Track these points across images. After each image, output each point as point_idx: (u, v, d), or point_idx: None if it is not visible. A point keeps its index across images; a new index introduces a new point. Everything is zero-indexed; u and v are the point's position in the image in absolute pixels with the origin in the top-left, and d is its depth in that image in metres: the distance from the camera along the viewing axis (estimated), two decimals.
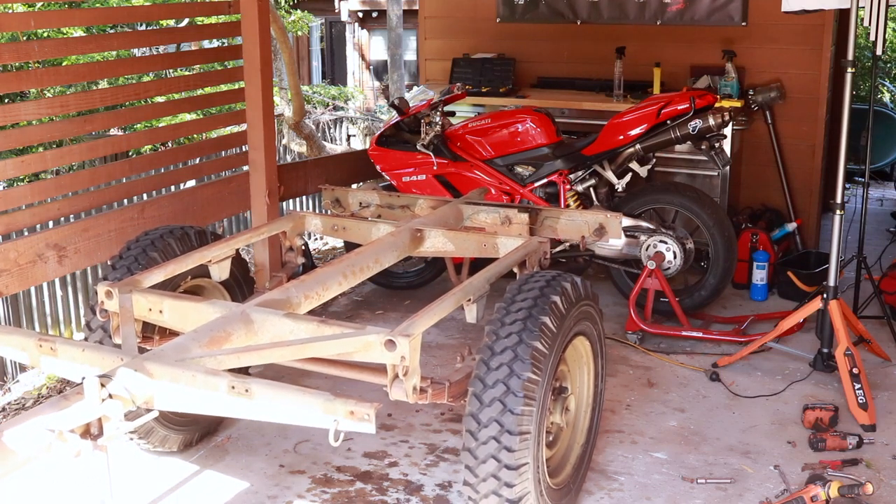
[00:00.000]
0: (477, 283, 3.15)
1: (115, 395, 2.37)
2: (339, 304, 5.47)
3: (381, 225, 3.92)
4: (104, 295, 3.11)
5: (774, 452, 3.71)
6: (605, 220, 4.08)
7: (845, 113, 4.12)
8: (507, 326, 2.84)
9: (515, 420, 2.71)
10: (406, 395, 2.70)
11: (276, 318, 2.90)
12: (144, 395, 2.46)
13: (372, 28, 19.82)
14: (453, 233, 3.80)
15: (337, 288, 3.35)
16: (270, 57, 5.05)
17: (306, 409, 2.38)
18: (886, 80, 11.09)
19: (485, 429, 2.73)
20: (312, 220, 4.06)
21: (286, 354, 2.79)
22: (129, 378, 2.42)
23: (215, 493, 3.45)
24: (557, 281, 3.03)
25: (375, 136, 5.49)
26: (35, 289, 7.38)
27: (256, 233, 3.90)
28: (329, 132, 14.05)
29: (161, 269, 3.30)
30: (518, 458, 2.72)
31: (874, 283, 4.91)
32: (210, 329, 2.80)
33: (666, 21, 6.16)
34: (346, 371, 3.15)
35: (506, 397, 2.72)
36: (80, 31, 8.53)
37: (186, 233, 3.66)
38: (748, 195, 6.21)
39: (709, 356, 4.64)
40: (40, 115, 4.35)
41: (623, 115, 4.97)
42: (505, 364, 2.76)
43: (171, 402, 2.51)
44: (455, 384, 2.93)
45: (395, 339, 2.63)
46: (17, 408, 4.82)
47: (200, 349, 2.68)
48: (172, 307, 3.05)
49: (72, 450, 2.26)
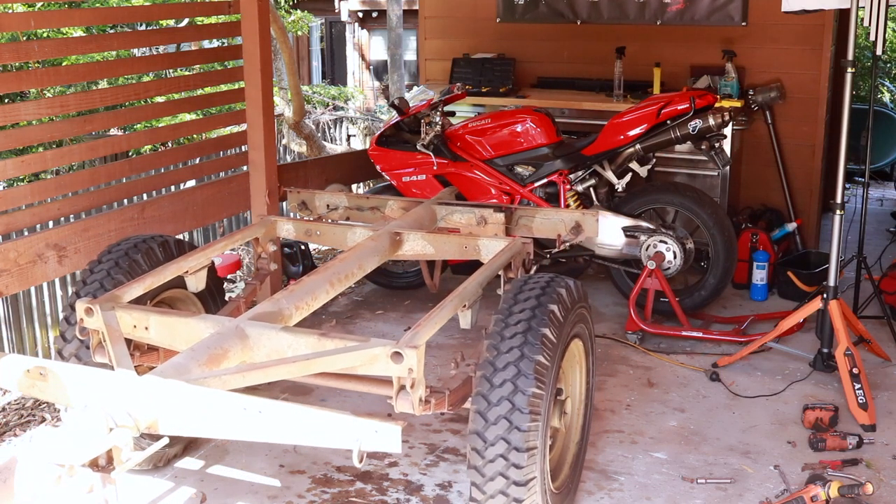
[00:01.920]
0: (471, 288, 3.12)
1: (121, 423, 2.26)
2: (338, 304, 5.48)
3: (356, 229, 3.85)
4: (84, 312, 2.94)
5: (774, 452, 3.71)
6: (582, 219, 4.05)
7: (845, 113, 4.12)
8: (508, 340, 2.80)
9: (523, 437, 2.67)
10: (412, 408, 2.66)
11: (272, 333, 2.82)
12: (149, 420, 2.35)
13: (372, 28, 19.82)
14: (433, 235, 3.75)
15: (325, 296, 3.29)
16: (270, 57, 5.05)
17: (327, 431, 2.31)
18: (886, 80, 11.09)
19: (491, 447, 2.69)
20: (284, 225, 3.97)
21: (293, 371, 2.71)
22: (133, 403, 2.31)
23: (216, 492, 3.45)
24: (553, 288, 2.99)
25: (375, 136, 5.49)
26: (35, 289, 7.38)
27: (230, 240, 3.75)
28: (329, 132, 14.06)
29: (139, 282, 3.16)
30: (526, 474, 2.70)
31: (874, 283, 4.91)
32: (207, 347, 2.70)
33: (666, 21, 6.17)
34: (349, 383, 3.09)
35: (511, 415, 2.68)
36: (80, 31, 8.53)
37: (157, 243, 3.52)
38: (748, 195, 6.21)
39: (709, 356, 4.64)
40: (40, 115, 4.35)
41: (623, 115, 4.97)
42: (508, 380, 2.72)
43: (177, 426, 2.40)
44: (454, 392, 2.91)
45: (402, 351, 2.59)
46: (17, 407, 4.82)
47: (200, 368, 2.59)
48: (159, 323, 2.94)
49: (83, 485, 2.16)
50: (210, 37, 5.97)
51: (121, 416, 2.27)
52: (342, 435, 2.29)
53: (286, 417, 2.32)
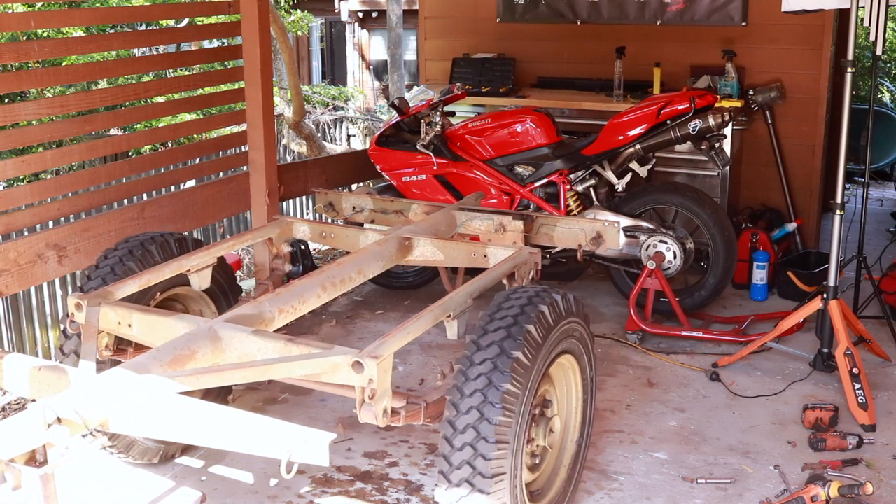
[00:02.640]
0: (458, 298, 3.04)
1: (65, 419, 2.21)
2: (339, 304, 5.48)
3: (369, 233, 3.83)
4: (74, 307, 2.99)
5: (774, 452, 3.71)
6: (603, 229, 4.03)
7: (845, 113, 4.12)
8: (476, 367, 2.70)
9: (488, 465, 2.59)
10: (376, 419, 2.56)
11: (243, 336, 2.76)
12: (99, 418, 2.30)
13: (372, 28, 19.82)
14: (442, 242, 3.71)
15: (315, 301, 3.24)
16: (270, 57, 5.05)
17: (256, 438, 2.23)
18: (886, 80, 11.09)
19: (457, 471, 2.62)
20: (300, 226, 3.95)
21: (248, 376, 2.64)
22: (80, 401, 2.26)
23: (216, 492, 3.45)
24: (535, 305, 2.86)
25: (375, 136, 5.49)
26: (35, 289, 7.38)
27: (241, 240, 3.75)
28: (329, 132, 14.06)
29: (136, 279, 3.19)
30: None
31: (874, 283, 4.91)
32: (174, 347, 2.68)
33: (666, 21, 6.17)
34: (322, 385, 3.00)
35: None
36: (80, 31, 8.53)
37: (167, 240, 3.52)
38: (748, 195, 6.21)
39: (709, 356, 4.64)
40: (40, 115, 4.35)
41: (623, 115, 4.97)
42: (475, 407, 2.64)
43: (126, 425, 2.37)
44: (432, 405, 2.83)
45: (362, 360, 2.52)
46: (17, 408, 4.82)
47: (161, 368, 2.56)
48: (141, 321, 2.95)
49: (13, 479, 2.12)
50: (210, 37, 5.97)
51: (67, 412, 2.22)
52: (272, 444, 2.21)
53: (221, 422, 2.26)
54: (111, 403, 2.34)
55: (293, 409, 4.10)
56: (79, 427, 2.24)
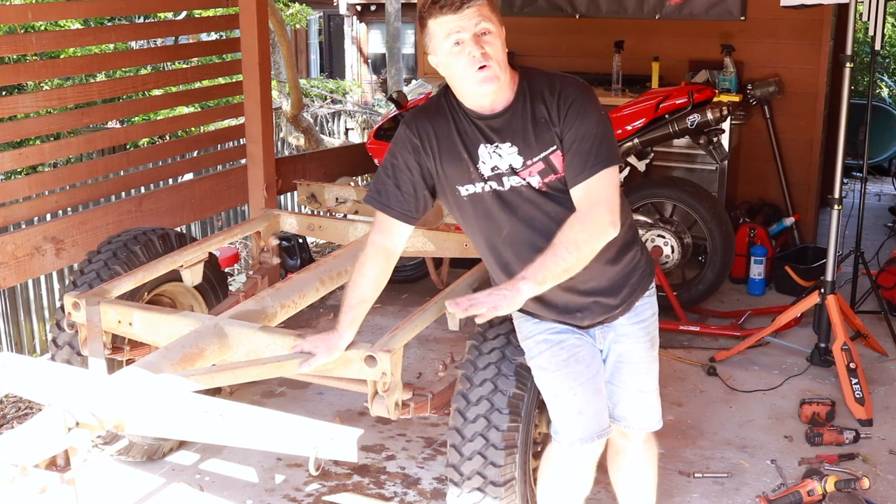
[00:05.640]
0: (458, 289, 3.05)
1: (83, 422, 2.17)
2: (336, 297, 5.44)
3: (358, 224, 3.81)
4: (71, 306, 2.94)
5: (771, 447, 3.72)
6: None
7: (844, 108, 4.12)
8: (490, 342, 2.71)
9: (501, 436, 2.61)
10: (388, 412, 2.59)
11: (250, 332, 2.75)
12: (114, 420, 2.25)
13: (370, 21, 19.80)
14: (433, 232, 3.70)
15: (314, 294, 3.24)
16: (268, 50, 5.04)
17: (284, 436, 2.21)
18: (885, 76, 11.08)
19: (469, 443, 2.64)
20: (287, 219, 3.93)
21: (262, 373, 2.63)
22: (97, 402, 2.21)
23: (213, 486, 3.45)
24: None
25: (374, 130, 5.49)
26: (32, 282, 7.37)
27: (230, 234, 3.73)
28: (327, 125, 14.03)
29: (131, 276, 3.15)
30: (504, 474, 2.63)
31: (872, 278, 4.91)
32: (182, 346, 2.65)
33: (664, 15, 6.16)
34: (331, 381, 3.00)
35: (490, 414, 2.62)
36: (78, 23, 8.48)
37: (157, 236, 3.50)
38: (746, 190, 6.21)
39: (706, 350, 4.64)
40: (38, 107, 4.34)
41: (621, 110, 4.97)
42: (489, 380, 2.65)
43: (142, 426, 2.33)
44: (438, 395, 2.84)
45: (375, 354, 2.54)
46: (14, 400, 4.81)
47: (172, 367, 2.53)
48: (143, 319, 2.91)
49: (37, 485, 2.05)
50: (208, 30, 5.96)
51: (84, 415, 2.18)
52: (299, 441, 2.19)
53: (246, 421, 2.23)
54: (128, 404, 2.29)
55: (290, 403, 4.10)
56: (95, 429, 2.21)
